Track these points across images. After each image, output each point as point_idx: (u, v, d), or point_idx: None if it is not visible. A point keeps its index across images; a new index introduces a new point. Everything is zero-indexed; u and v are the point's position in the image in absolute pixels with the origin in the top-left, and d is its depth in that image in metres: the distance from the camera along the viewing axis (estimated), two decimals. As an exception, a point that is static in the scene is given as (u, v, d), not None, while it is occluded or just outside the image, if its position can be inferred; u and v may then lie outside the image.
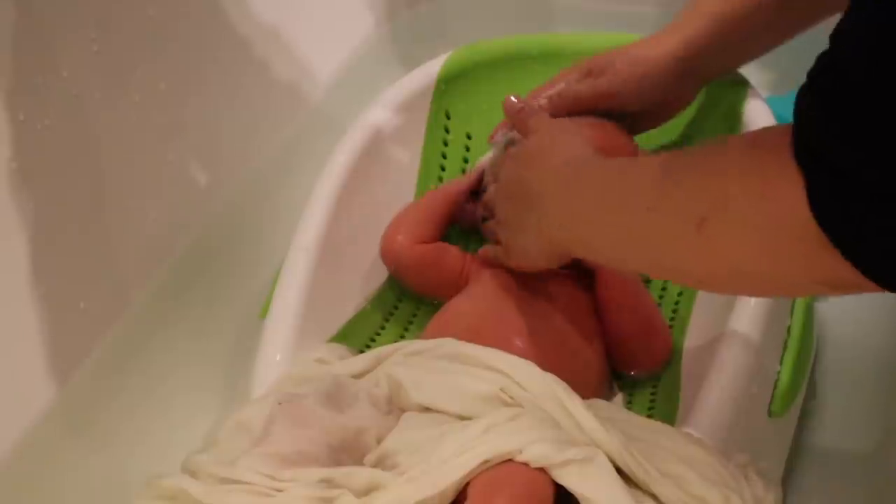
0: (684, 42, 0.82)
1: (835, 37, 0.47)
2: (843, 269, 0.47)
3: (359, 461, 0.66)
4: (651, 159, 0.61)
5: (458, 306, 0.82)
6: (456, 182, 0.92)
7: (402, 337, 0.88)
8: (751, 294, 0.74)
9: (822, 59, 0.48)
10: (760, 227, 0.50)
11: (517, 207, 0.75)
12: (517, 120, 0.81)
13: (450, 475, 0.60)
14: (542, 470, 0.60)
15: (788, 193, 0.48)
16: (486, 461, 0.60)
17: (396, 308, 0.90)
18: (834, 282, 0.50)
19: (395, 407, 0.70)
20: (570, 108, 0.84)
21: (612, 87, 0.83)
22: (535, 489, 0.60)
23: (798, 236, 0.48)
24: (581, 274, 0.83)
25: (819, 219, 0.47)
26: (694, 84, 0.85)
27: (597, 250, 0.68)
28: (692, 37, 0.81)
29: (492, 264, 0.84)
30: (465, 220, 0.91)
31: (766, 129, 0.53)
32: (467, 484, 0.60)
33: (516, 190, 0.75)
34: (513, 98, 0.82)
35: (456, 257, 0.88)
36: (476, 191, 0.90)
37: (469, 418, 0.64)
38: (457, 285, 0.86)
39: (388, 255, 0.88)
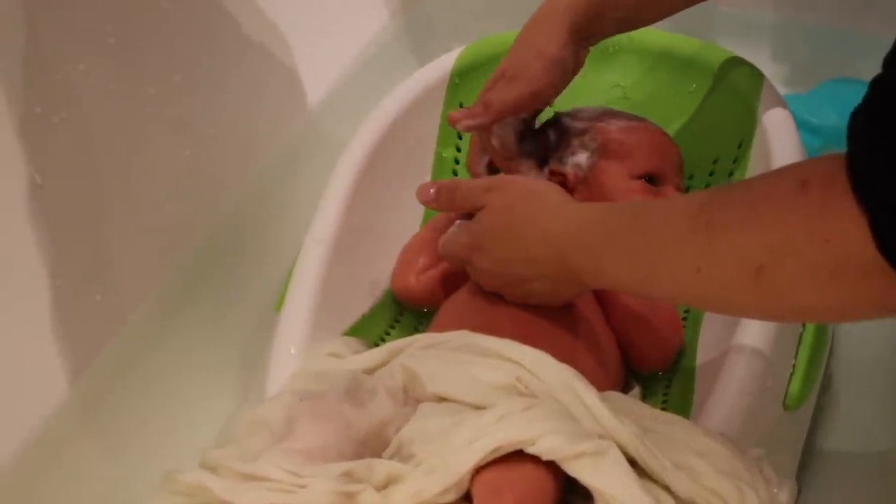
0: (572, 18, 0.82)
1: (889, 62, 0.47)
2: None
3: (380, 454, 0.67)
4: (682, 210, 0.60)
5: (469, 298, 0.82)
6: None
7: (417, 330, 0.88)
8: (813, 322, 0.76)
9: (877, 86, 0.47)
10: (826, 269, 0.50)
11: (545, 292, 0.75)
12: (452, 203, 0.79)
13: (463, 463, 0.60)
14: (550, 465, 0.60)
15: (853, 233, 0.48)
16: (497, 448, 0.60)
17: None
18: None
19: (410, 398, 0.70)
20: (501, 115, 0.84)
21: (531, 89, 0.83)
22: (540, 489, 0.60)
23: (866, 273, 0.48)
24: None
25: (887, 255, 0.47)
26: (587, 48, 0.86)
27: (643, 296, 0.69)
28: (578, 7, 0.82)
29: None
30: None
31: (812, 165, 0.52)
32: (476, 473, 0.60)
33: (516, 272, 0.74)
34: (424, 188, 0.80)
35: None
36: None
37: (484, 408, 0.64)
38: None
39: (400, 294, 0.89)
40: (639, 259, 0.64)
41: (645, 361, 0.82)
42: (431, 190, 0.80)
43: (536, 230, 0.71)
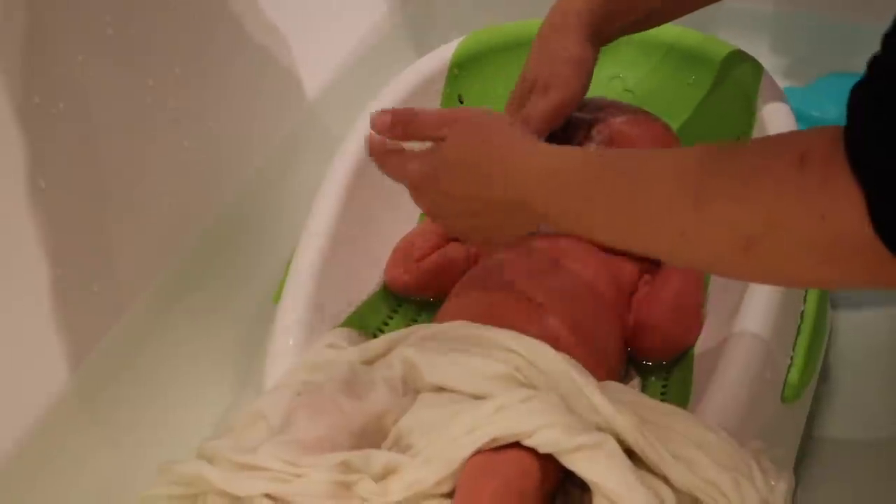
0: (588, 20, 0.83)
1: (888, 40, 0.46)
2: None
3: (379, 445, 0.67)
4: (670, 170, 0.58)
5: (472, 286, 0.82)
6: None
7: (415, 321, 0.88)
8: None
9: (875, 64, 0.47)
10: (820, 246, 0.50)
11: (491, 226, 0.70)
12: (408, 132, 0.72)
13: (460, 453, 0.60)
14: (545, 457, 0.60)
15: (849, 211, 0.47)
16: (494, 439, 0.60)
17: (409, 292, 0.91)
18: (889, 286, 0.50)
19: (410, 389, 0.70)
20: (542, 127, 0.83)
21: (565, 96, 0.83)
22: (528, 473, 0.60)
23: (861, 251, 0.48)
24: (602, 252, 0.83)
25: (883, 235, 0.46)
26: (599, 49, 0.86)
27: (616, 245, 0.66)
28: (592, 11, 0.83)
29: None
30: None
31: (811, 138, 0.51)
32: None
33: (480, 208, 0.69)
34: (379, 115, 0.72)
35: (459, 252, 0.88)
36: None
37: (483, 398, 0.64)
38: None
39: (392, 284, 0.89)
40: (618, 212, 0.61)
41: (652, 353, 0.82)
42: (387, 118, 0.72)
43: (503, 169, 0.67)
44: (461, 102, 0.97)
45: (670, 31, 0.96)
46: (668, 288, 0.82)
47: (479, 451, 0.60)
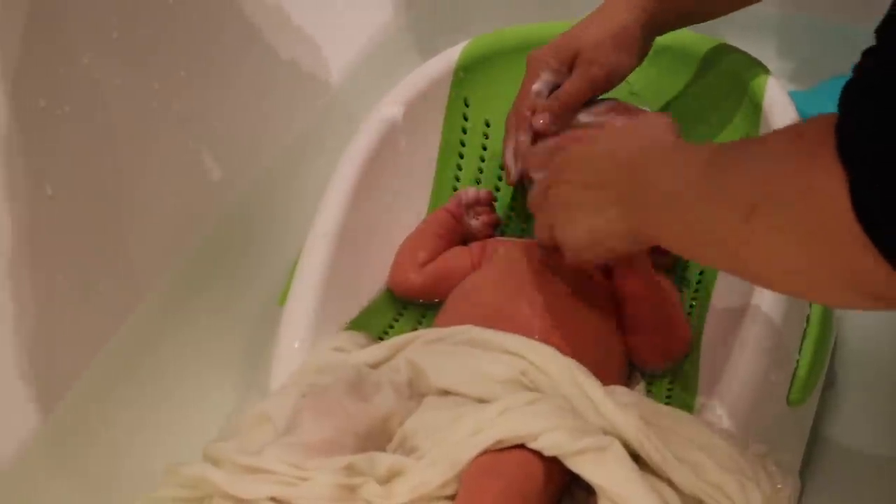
0: (644, 2, 0.84)
1: (881, 31, 0.47)
2: (879, 271, 0.47)
3: (384, 447, 0.67)
4: (700, 149, 0.61)
5: (475, 289, 0.82)
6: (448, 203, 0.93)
7: (420, 324, 0.88)
8: (801, 297, 0.74)
9: (869, 54, 0.47)
10: (803, 220, 0.50)
11: (590, 198, 0.71)
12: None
13: (465, 455, 0.60)
14: (550, 459, 0.60)
15: (831, 187, 0.48)
16: (499, 441, 0.60)
17: (415, 295, 0.91)
18: (870, 289, 0.49)
19: (415, 392, 0.70)
20: (577, 105, 0.86)
21: (606, 72, 0.85)
22: (531, 474, 0.60)
23: (837, 232, 0.48)
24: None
25: (859, 214, 0.47)
26: (653, 39, 0.88)
27: (665, 241, 0.66)
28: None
29: (505, 245, 0.86)
30: (472, 234, 0.92)
31: (810, 121, 0.53)
32: None
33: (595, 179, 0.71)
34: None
35: (463, 256, 0.88)
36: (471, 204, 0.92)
37: (489, 402, 0.65)
38: None
39: (398, 289, 0.89)
40: (665, 196, 0.63)
41: (649, 365, 0.82)
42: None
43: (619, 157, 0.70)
44: (467, 105, 0.97)
45: (676, 35, 0.96)
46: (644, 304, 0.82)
47: (483, 453, 0.60)
